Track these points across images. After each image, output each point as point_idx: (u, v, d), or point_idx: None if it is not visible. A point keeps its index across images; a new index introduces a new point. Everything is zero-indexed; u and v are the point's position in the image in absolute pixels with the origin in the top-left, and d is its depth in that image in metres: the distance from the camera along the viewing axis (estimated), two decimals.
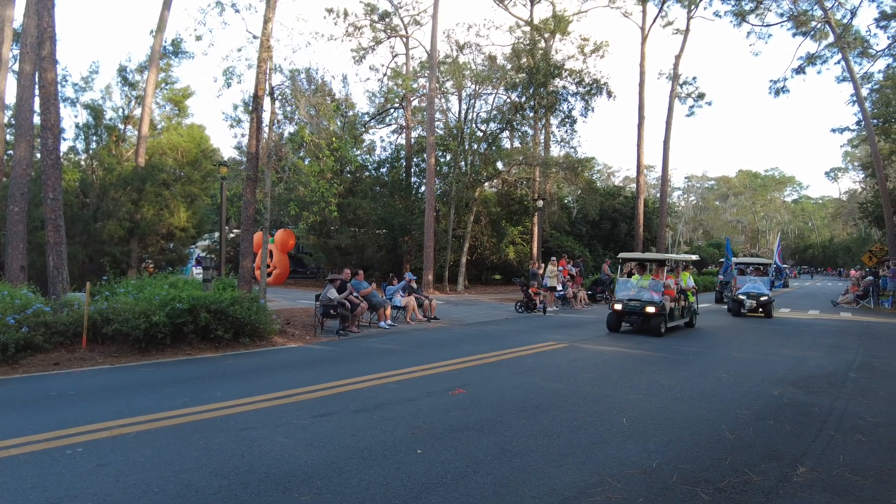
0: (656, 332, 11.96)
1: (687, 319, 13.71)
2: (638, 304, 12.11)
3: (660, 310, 11.91)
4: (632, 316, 12.36)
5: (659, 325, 11.95)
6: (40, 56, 10.63)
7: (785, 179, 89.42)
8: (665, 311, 12.03)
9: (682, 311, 13.39)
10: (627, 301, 12.31)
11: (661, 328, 11.99)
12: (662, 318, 12.02)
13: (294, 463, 4.25)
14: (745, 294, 17.32)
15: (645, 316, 12.08)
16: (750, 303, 17.01)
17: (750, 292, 17.32)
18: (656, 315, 11.93)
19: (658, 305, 11.94)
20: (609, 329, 12.55)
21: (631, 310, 12.20)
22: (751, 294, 17.23)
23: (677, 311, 12.95)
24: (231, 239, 26.89)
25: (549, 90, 26.70)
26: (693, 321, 14.01)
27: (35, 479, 3.85)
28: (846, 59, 25.63)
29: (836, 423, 5.75)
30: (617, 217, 36.61)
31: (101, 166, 19.46)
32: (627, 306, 12.24)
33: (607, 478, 4.12)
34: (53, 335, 8.31)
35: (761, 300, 17.07)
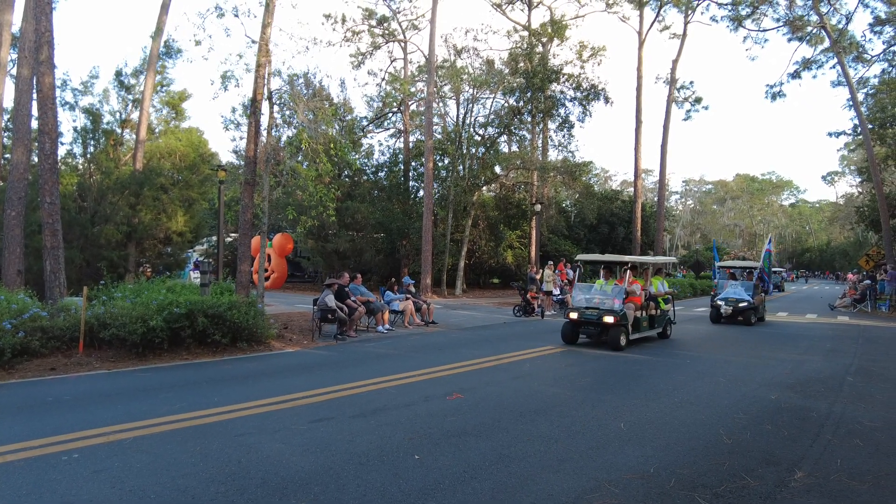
0: (614, 345, 10.43)
1: (659, 329, 12.29)
2: (595, 314, 10.69)
3: (619, 319, 10.45)
4: (588, 326, 10.94)
5: (618, 338, 10.41)
6: (38, 60, 10.63)
7: (782, 183, 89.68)
8: (626, 321, 10.62)
9: (652, 320, 11.95)
10: (585, 309, 10.92)
11: (621, 341, 10.46)
12: (622, 329, 10.55)
13: (291, 468, 4.24)
14: (724, 300, 16.21)
15: (602, 326, 10.67)
16: (726, 309, 15.88)
17: (728, 298, 16.19)
18: (615, 325, 10.45)
19: (618, 314, 10.48)
20: (564, 341, 11.14)
21: (587, 319, 10.75)
22: (729, 300, 16.11)
23: (644, 321, 11.49)
24: (229, 243, 26.86)
25: (546, 95, 26.78)
26: (667, 331, 12.56)
27: (31, 485, 3.83)
28: (842, 63, 25.75)
29: (833, 427, 5.76)
30: (615, 221, 36.67)
31: (99, 170, 19.46)
32: (584, 315, 10.82)
33: (605, 483, 4.11)
34: (50, 340, 8.27)
35: (739, 306, 15.88)
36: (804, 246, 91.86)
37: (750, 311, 15.79)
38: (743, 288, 16.49)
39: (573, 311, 11.02)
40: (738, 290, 16.41)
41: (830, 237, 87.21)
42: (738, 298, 16.01)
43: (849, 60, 26.63)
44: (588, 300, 11.12)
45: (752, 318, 15.81)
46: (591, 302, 11.00)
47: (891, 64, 27.06)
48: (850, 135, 31.48)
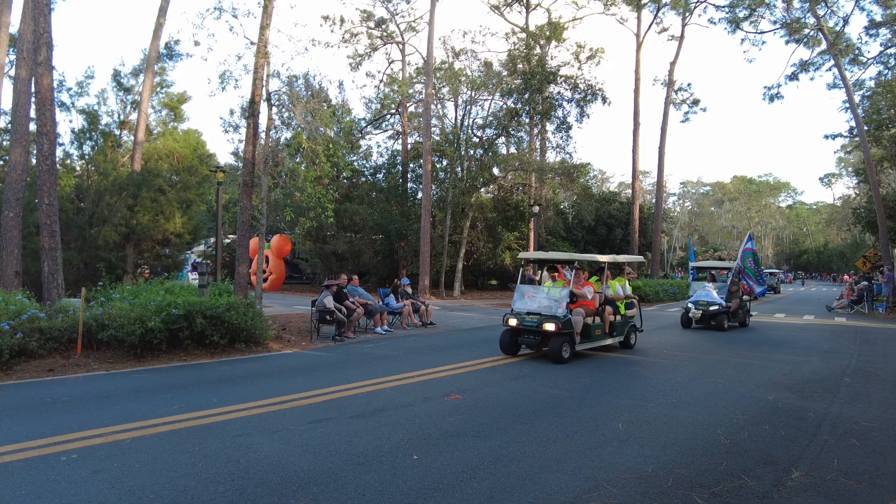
0: (555, 357, 9.08)
1: (620, 338, 10.84)
2: (536, 320, 9.28)
3: (562, 327, 9.10)
4: (527, 335, 9.54)
5: (560, 348, 9.02)
6: (36, 61, 10.63)
7: (779, 185, 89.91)
8: (571, 328, 9.28)
9: (611, 327, 10.55)
10: (525, 315, 9.56)
11: (564, 352, 9.08)
12: (566, 339, 9.16)
13: (290, 469, 4.25)
14: (694, 302, 15.01)
15: (543, 335, 9.31)
16: (695, 313, 14.70)
17: (698, 301, 14.95)
18: (557, 334, 9.10)
19: (560, 322, 9.12)
20: (503, 351, 9.83)
21: (527, 326, 9.37)
22: (699, 303, 14.86)
23: (597, 329, 10.10)
24: (227, 244, 26.85)
25: (544, 96, 26.83)
26: (631, 340, 11.12)
27: (29, 486, 3.84)
28: (839, 65, 25.85)
29: (830, 427, 5.78)
30: (612, 223, 36.75)
31: (97, 172, 19.44)
32: (523, 322, 9.42)
33: (603, 483, 4.13)
34: (48, 341, 8.27)
35: (710, 310, 14.61)
36: (801, 248, 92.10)
37: (722, 315, 14.56)
38: (716, 290, 15.29)
39: (512, 316, 9.67)
40: (710, 292, 15.14)
41: (828, 239, 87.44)
42: (708, 301, 14.83)
43: (845, 63, 26.73)
44: (530, 305, 9.82)
45: (725, 324, 14.58)
46: (534, 307, 9.71)
47: (886, 66, 27.17)
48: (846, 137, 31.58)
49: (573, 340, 9.36)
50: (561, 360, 9.06)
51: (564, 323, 9.18)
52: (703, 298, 14.97)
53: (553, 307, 9.42)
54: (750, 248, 15.76)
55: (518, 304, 10.03)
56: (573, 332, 9.34)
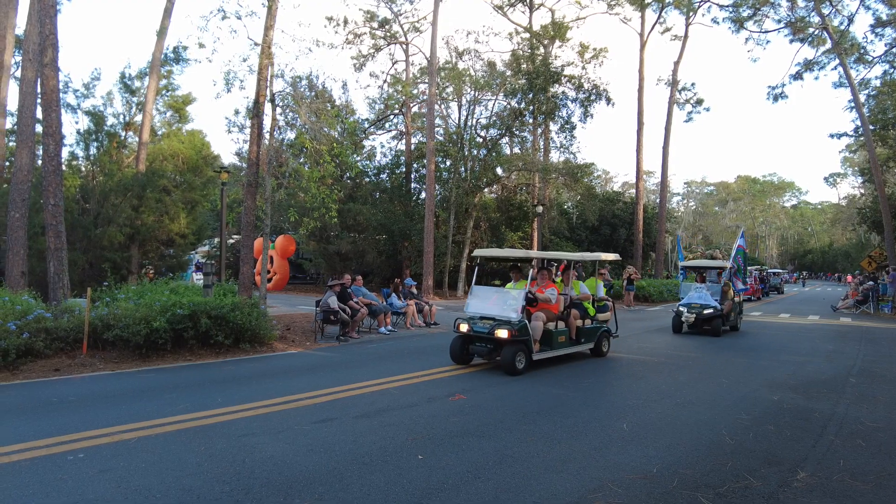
0: (509, 368, 8.06)
1: (590, 345, 9.83)
2: (487, 326, 8.33)
3: (515, 334, 8.07)
4: (478, 343, 8.58)
5: (513, 358, 8.02)
6: (42, 63, 10.68)
7: (784, 185, 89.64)
8: (527, 335, 8.26)
9: (578, 333, 9.56)
10: (478, 320, 8.59)
11: (518, 363, 8.09)
12: (521, 347, 8.20)
13: (295, 469, 4.26)
14: (686, 305, 13.81)
15: (496, 343, 8.36)
16: (688, 317, 13.53)
17: (691, 304, 13.75)
18: (510, 342, 8.12)
19: (514, 328, 8.09)
20: (453, 360, 8.87)
21: (478, 333, 8.39)
22: (692, 306, 13.68)
23: (561, 336, 9.11)
24: (231, 245, 26.92)
25: (548, 96, 26.80)
26: (603, 347, 10.09)
27: (37, 485, 3.86)
28: (844, 65, 25.76)
29: (836, 428, 5.76)
30: (616, 223, 36.68)
31: (102, 172, 19.52)
32: (474, 328, 8.47)
33: (608, 483, 4.13)
34: (54, 341, 8.31)
35: (704, 314, 13.43)
36: (806, 247, 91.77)
37: (718, 319, 13.45)
38: (709, 291, 14.09)
39: (463, 321, 8.66)
40: (703, 294, 13.98)
41: (833, 239, 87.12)
42: (702, 304, 13.64)
43: (850, 62, 26.64)
44: (485, 308, 8.80)
45: (721, 327, 13.52)
46: (489, 310, 8.70)
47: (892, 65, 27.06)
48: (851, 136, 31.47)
49: (530, 349, 8.32)
50: (515, 371, 8.05)
51: (520, 329, 8.14)
52: (697, 301, 13.79)
53: (508, 311, 8.39)
54: (741, 245, 15.17)
55: (472, 306, 8.94)
56: (530, 339, 8.31)
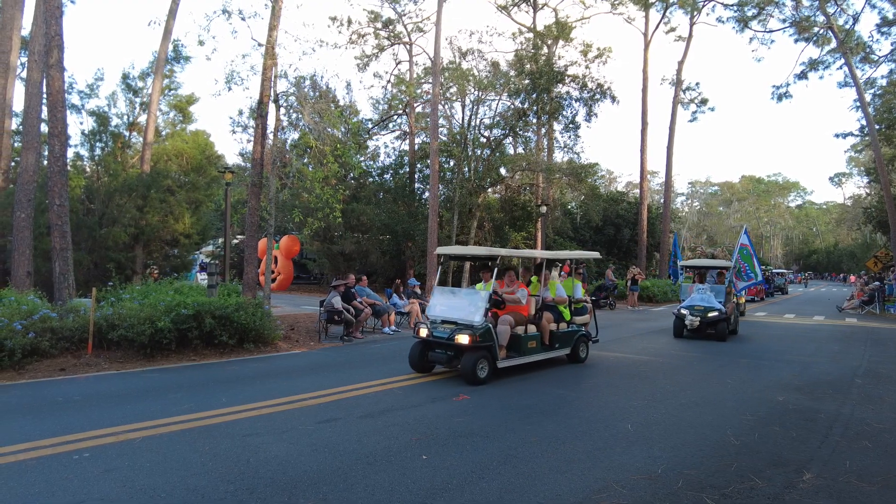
0: (469, 377, 7.34)
1: (567, 350, 9.13)
2: (447, 332, 7.60)
3: (477, 340, 7.38)
4: (437, 350, 7.87)
5: (473, 366, 7.33)
6: (48, 64, 10.72)
7: (789, 185, 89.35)
8: (492, 341, 7.58)
9: (552, 338, 8.87)
10: (441, 324, 7.92)
11: (479, 371, 7.39)
12: (483, 354, 7.48)
13: (299, 468, 4.27)
14: (688, 308, 12.99)
15: (457, 349, 7.62)
16: (692, 320, 12.67)
17: (694, 306, 12.94)
18: (472, 349, 7.40)
19: (476, 333, 7.38)
20: (413, 368, 8.14)
21: (437, 338, 7.67)
22: (695, 308, 12.84)
23: (531, 341, 8.41)
24: (235, 245, 26.98)
25: (552, 96, 26.76)
26: (580, 352, 9.38)
27: (42, 484, 3.87)
28: (849, 64, 25.63)
29: (841, 429, 5.74)
30: (620, 223, 36.60)
31: (107, 173, 19.58)
32: (434, 333, 7.75)
33: (613, 483, 4.12)
34: (59, 341, 8.34)
35: (709, 317, 12.61)
36: (811, 248, 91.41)
37: (723, 322, 12.63)
38: (713, 293, 13.29)
39: (423, 325, 7.98)
40: (707, 295, 13.17)
41: (838, 239, 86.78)
42: (706, 307, 12.80)
43: (856, 61, 26.50)
44: (448, 311, 8.04)
45: (726, 332, 12.75)
46: (451, 313, 7.95)
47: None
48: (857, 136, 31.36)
49: (494, 355, 7.64)
50: (476, 380, 7.34)
51: (482, 334, 7.44)
52: (700, 303, 12.97)
53: (471, 314, 7.66)
54: (745, 243, 14.49)
55: (434, 309, 8.23)
56: (494, 344, 7.62)
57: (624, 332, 14.04)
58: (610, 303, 21.70)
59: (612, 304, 21.77)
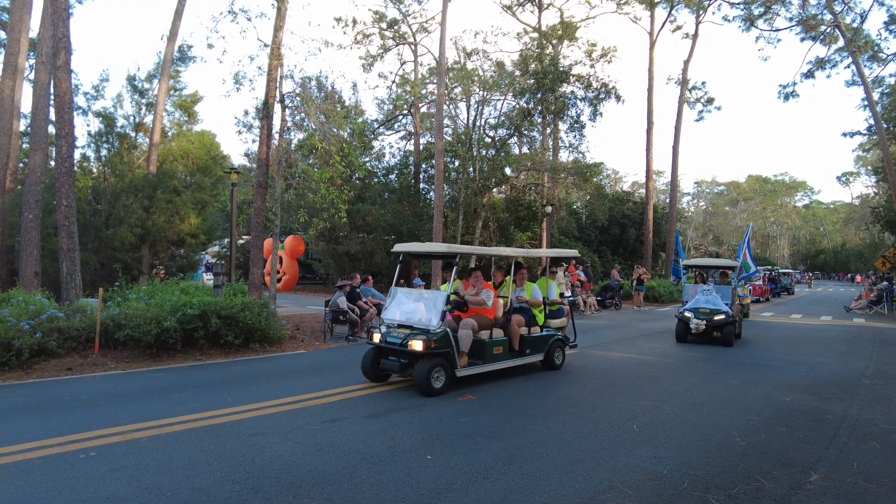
0: (423, 387, 6.67)
1: (540, 356, 8.42)
2: (400, 337, 6.98)
3: (433, 346, 6.75)
4: (391, 357, 7.18)
5: (427, 375, 6.65)
6: (55, 65, 10.79)
7: (795, 184, 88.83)
8: (450, 347, 6.93)
9: (522, 343, 8.19)
10: (396, 328, 7.28)
11: (434, 381, 6.72)
12: (439, 361, 6.82)
13: (304, 468, 4.27)
14: (693, 310, 12.22)
15: (411, 356, 6.95)
16: (697, 323, 11.92)
17: (699, 308, 12.18)
18: (427, 356, 6.75)
19: (432, 338, 6.76)
20: (365, 377, 7.48)
21: (390, 344, 7.06)
22: (700, 311, 12.09)
23: (497, 346, 7.71)
24: (241, 245, 27.06)
25: (557, 95, 26.72)
26: (556, 359, 8.69)
27: (49, 482, 3.89)
28: (856, 63, 25.46)
29: (849, 429, 5.69)
30: (626, 223, 36.50)
31: (113, 173, 19.68)
32: (387, 338, 7.16)
33: (618, 484, 4.10)
34: (66, 340, 8.39)
35: (715, 320, 11.84)
36: (818, 248, 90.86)
37: (730, 326, 11.88)
38: (719, 295, 12.48)
39: (377, 330, 7.39)
40: (713, 297, 12.40)
41: (845, 239, 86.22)
42: (713, 309, 12.04)
43: (863, 60, 26.33)
44: (404, 314, 7.41)
45: (733, 336, 12.02)
46: (406, 317, 7.34)
47: None
48: (865, 135, 31.12)
49: (453, 363, 6.98)
50: (430, 391, 6.66)
51: (438, 339, 6.80)
52: (705, 305, 12.23)
53: (428, 318, 7.08)
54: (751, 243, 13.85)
55: (389, 311, 7.60)
56: (453, 351, 6.98)
57: (629, 333, 13.99)
58: (615, 303, 21.64)
59: (618, 305, 21.72)
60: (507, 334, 8.02)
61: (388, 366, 7.23)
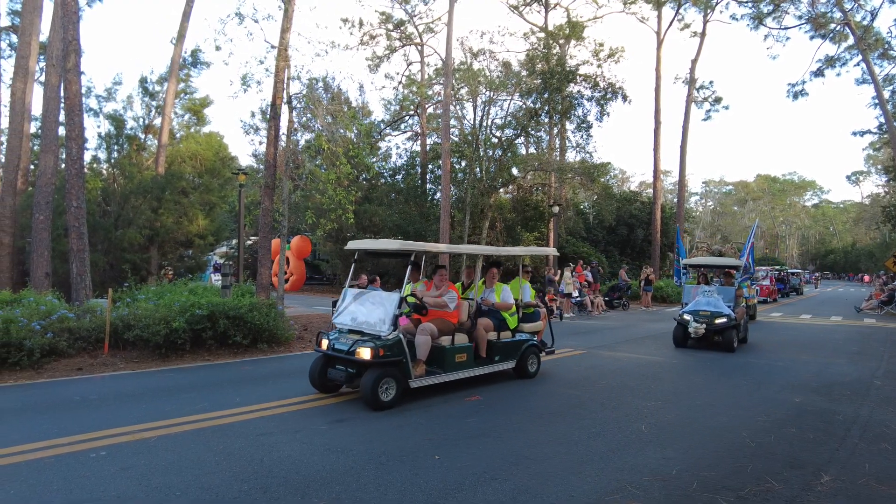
0: (370, 400, 5.95)
1: (511, 364, 7.79)
2: (347, 344, 6.29)
3: (382, 354, 6.04)
4: (338, 366, 6.51)
5: (374, 387, 5.93)
6: (65, 68, 10.89)
7: (805, 184, 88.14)
8: (403, 355, 6.24)
9: (490, 349, 7.49)
10: (347, 333, 6.62)
11: (383, 393, 6.02)
12: (390, 371, 6.13)
13: (312, 468, 4.29)
14: (692, 313, 11.42)
15: (359, 366, 6.24)
16: (696, 326, 11.11)
17: (699, 310, 11.40)
18: (375, 365, 6.05)
19: (381, 346, 6.07)
20: (313, 386, 6.74)
21: (336, 352, 6.38)
22: (699, 313, 11.31)
23: (460, 353, 7.03)
24: (249, 246, 27.19)
25: (564, 95, 26.65)
26: (530, 366, 7.98)
27: (60, 481, 3.93)
28: (867, 61, 25.24)
29: (860, 431, 5.64)
30: (633, 223, 36.35)
31: (123, 175, 19.84)
32: (334, 345, 6.48)
33: (626, 485, 4.09)
34: (77, 341, 8.47)
35: (717, 323, 11.04)
36: (828, 247, 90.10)
37: (732, 330, 11.06)
38: (721, 296, 11.71)
39: (325, 336, 6.78)
40: (714, 299, 11.65)
41: (856, 238, 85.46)
42: (714, 312, 11.26)
43: (874, 57, 26.10)
44: (355, 318, 6.73)
45: (735, 342, 11.14)
46: (358, 321, 6.65)
47: None
48: (875, 133, 30.88)
49: (406, 373, 6.30)
50: (378, 405, 5.96)
51: (389, 346, 6.13)
52: (706, 307, 11.48)
53: (379, 322, 6.41)
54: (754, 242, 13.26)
55: (340, 315, 6.93)
56: (406, 359, 6.30)
57: (637, 333, 13.94)
58: (623, 303, 21.56)
59: (626, 305, 21.64)
60: (473, 340, 7.34)
61: (334, 376, 6.53)
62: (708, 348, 11.23)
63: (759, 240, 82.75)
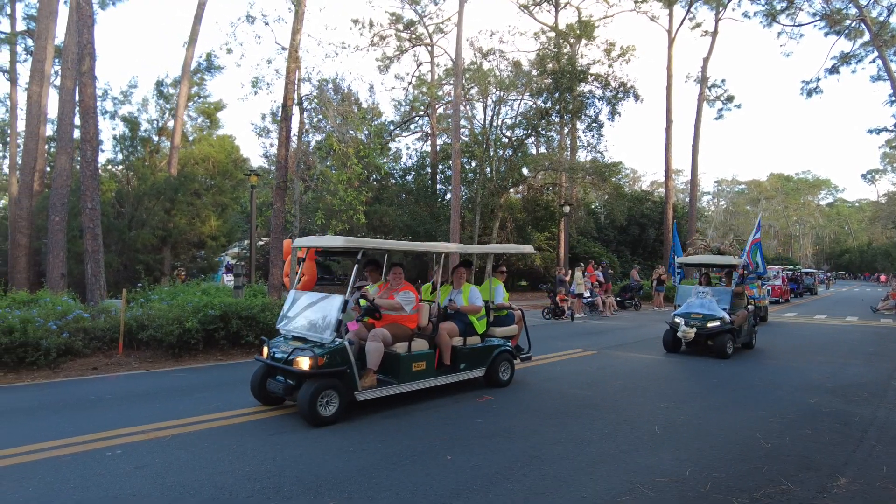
0: (308, 415, 5.32)
1: (480, 372, 7.13)
2: (286, 352, 5.68)
3: (320, 364, 5.42)
4: (278, 376, 5.90)
5: (312, 401, 5.32)
6: (80, 71, 11.02)
7: (819, 182, 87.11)
8: (346, 364, 5.62)
9: (455, 356, 6.87)
10: (291, 340, 6.06)
11: (321, 406, 5.41)
12: (332, 383, 5.52)
13: (325, 468, 4.30)
14: (683, 315, 10.65)
15: (298, 377, 5.59)
16: (686, 331, 10.30)
17: (690, 313, 10.63)
18: (314, 376, 5.41)
19: (321, 355, 5.46)
20: (254, 397, 6.13)
21: (276, 362, 5.75)
22: (691, 316, 10.55)
23: (418, 361, 6.40)
24: (261, 247, 27.36)
25: (574, 95, 26.57)
26: (501, 373, 7.35)
27: (77, 479, 3.98)
28: (883, 57, 24.89)
29: (877, 432, 5.57)
30: (645, 222, 36.16)
31: (136, 177, 20.05)
32: (274, 354, 5.89)
33: (639, 486, 4.06)
34: (92, 340, 8.57)
35: (709, 327, 10.24)
36: (843, 247, 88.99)
37: (725, 334, 10.24)
38: (715, 297, 10.91)
39: (269, 343, 6.18)
40: (708, 300, 10.88)
41: (871, 237, 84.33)
42: (706, 315, 10.45)
43: (890, 54, 25.70)
44: (300, 323, 6.16)
45: (729, 347, 10.25)
46: (302, 327, 6.06)
47: None
48: (892, 131, 30.42)
49: (352, 384, 5.68)
50: (317, 420, 5.36)
51: (330, 355, 5.51)
52: (698, 310, 10.67)
53: (321, 328, 5.81)
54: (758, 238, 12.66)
55: (286, 321, 6.37)
56: (352, 369, 5.66)
57: (649, 334, 13.85)
58: (635, 303, 21.44)
59: (638, 305, 21.51)
60: (435, 346, 6.67)
61: (272, 388, 5.88)
62: (699, 355, 10.38)
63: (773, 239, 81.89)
